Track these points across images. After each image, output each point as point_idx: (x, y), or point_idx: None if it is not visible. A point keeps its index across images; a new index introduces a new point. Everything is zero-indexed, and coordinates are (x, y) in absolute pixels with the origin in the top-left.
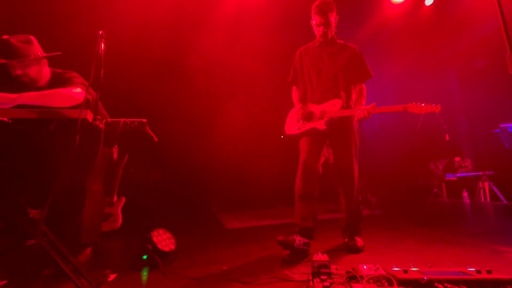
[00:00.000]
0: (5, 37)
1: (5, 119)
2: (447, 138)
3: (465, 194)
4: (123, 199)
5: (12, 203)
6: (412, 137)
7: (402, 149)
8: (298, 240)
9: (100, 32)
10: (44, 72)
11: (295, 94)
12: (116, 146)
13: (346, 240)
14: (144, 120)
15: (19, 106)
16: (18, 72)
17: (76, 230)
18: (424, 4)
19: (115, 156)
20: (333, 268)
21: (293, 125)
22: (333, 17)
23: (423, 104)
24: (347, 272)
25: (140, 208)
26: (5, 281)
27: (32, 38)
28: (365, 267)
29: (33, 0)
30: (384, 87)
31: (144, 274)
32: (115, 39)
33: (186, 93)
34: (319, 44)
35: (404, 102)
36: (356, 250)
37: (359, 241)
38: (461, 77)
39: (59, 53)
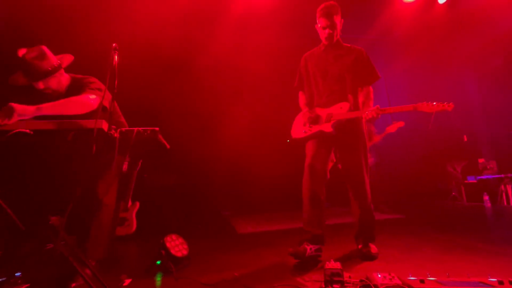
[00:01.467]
0: (20, 53)
1: (27, 130)
2: (465, 139)
3: (486, 197)
4: (137, 204)
5: (33, 209)
6: (428, 138)
7: (418, 151)
8: (309, 248)
9: (114, 44)
10: (63, 80)
11: (301, 99)
12: (127, 158)
13: (359, 246)
14: (157, 128)
15: (39, 117)
16: (41, 87)
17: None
18: (437, 2)
19: (125, 167)
20: (346, 276)
21: (299, 128)
22: (338, 20)
23: (434, 103)
24: (361, 281)
25: (153, 213)
26: (28, 285)
27: (44, 49)
28: (379, 275)
29: (47, 8)
30: (398, 88)
31: (158, 279)
32: (127, 43)
33: (197, 97)
34: (324, 48)
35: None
36: (370, 257)
37: (373, 248)
38: (479, 76)
39: (72, 58)
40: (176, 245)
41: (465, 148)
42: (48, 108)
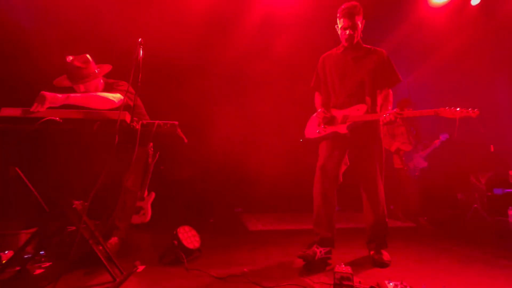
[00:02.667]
0: (68, 59)
1: (57, 118)
2: (492, 149)
3: (510, 212)
4: (153, 195)
5: (58, 193)
6: (451, 147)
7: (440, 159)
8: (319, 251)
9: (140, 39)
10: (99, 84)
11: (317, 99)
12: (151, 148)
13: (371, 253)
14: (176, 122)
15: (66, 107)
16: (82, 90)
17: (106, 223)
18: (469, 4)
19: (151, 159)
20: (356, 281)
21: (313, 128)
22: (360, 21)
23: (458, 109)
24: (371, 287)
25: (168, 204)
26: (50, 263)
27: (88, 57)
28: (391, 284)
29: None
30: (423, 93)
31: None
32: (152, 39)
33: (216, 95)
34: (343, 50)
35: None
36: (382, 264)
37: (386, 255)
38: (510, 82)
39: (110, 67)
40: (189, 237)
41: (491, 158)
42: (75, 98)
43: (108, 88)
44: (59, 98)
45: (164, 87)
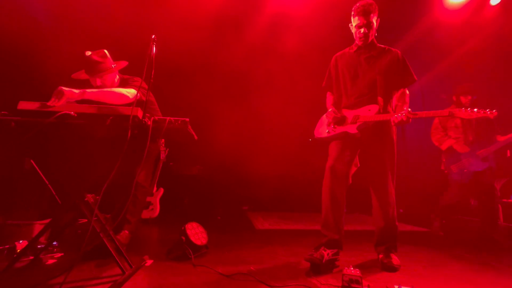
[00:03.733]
0: (87, 53)
1: (72, 112)
2: (508, 154)
3: None
4: (162, 190)
5: (71, 186)
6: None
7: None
8: (327, 254)
9: (153, 36)
10: (115, 79)
11: (329, 99)
12: (163, 144)
13: (380, 256)
14: (187, 119)
15: (82, 102)
16: (98, 83)
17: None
18: (488, 3)
19: (163, 156)
20: (364, 284)
21: (323, 128)
22: (374, 19)
23: (475, 109)
24: None
25: (176, 200)
26: (62, 254)
27: (106, 51)
28: None
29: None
30: (436, 95)
31: None
32: (164, 36)
33: (223, 92)
34: (356, 49)
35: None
36: (391, 268)
37: (395, 259)
38: None
39: (126, 63)
40: (196, 233)
41: (507, 164)
42: (91, 94)
43: (123, 84)
44: (76, 93)
45: (173, 84)
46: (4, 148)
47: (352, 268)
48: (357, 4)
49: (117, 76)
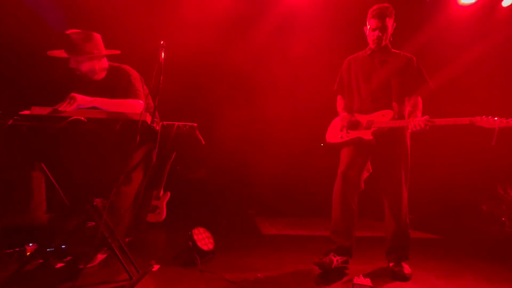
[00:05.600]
0: (68, 31)
1: (82, 118)
2: None
3: None
4: (168, 194)
5: (80, 190)
6: (478, 155)
7: (464, 168)
8: (336, 260)
9: (162, 42)
10: (98, 68)
11: (340, 103)
12: (156, 149)
13: (391, 264)
14: (195, 124)
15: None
16: (72, 65)
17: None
18: (500, 5)
19: (154, 159)
20: None
21: (335, 133)
22: (390, 23)
23: (496, 118)
24: None
25: (182, 203)
26: (70, 257)
27: (94, 35)
28: None
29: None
30: (451, 99)
31: None
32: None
33: (229, 96)
34: (370, 52)
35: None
36: (403, 277)
37: (406, 268)
38: None
39: (118, 52)
40: (203, 238)
41: None
42: (101, 103)
43: (116, 75)
44: (87, 100)
45: (179, 88)
46: (16, 152)
47: (362, 277)
48: (374, 7)
49: (106, 65)
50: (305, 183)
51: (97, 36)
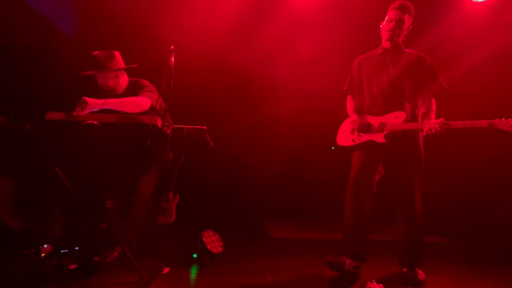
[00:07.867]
0: (94, 53)
1: (95, 122)
2: None
3: None
4: (178, 196)
5: (93, 193)
6: (494, 158)
7: (479, 171)
8: (349, 263)
9: (172, 47)
10: (122, 82)
11: (349, 104)
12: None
13: (404, 270)
14: (205, 127)
15: (103, 111)
16: (100, 82)
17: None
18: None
19: (170, 163)
20: None
21: (346, 136)
22: (408, 21)
23: None
24: None
25: (192, 206)
26: (83, 259)
27: (116, 53)
28: None
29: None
30: (463, 100)
31: (193, 272)
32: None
33: (238, 98)
34: (382, 51)
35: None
36: (417, 283)
37: (421, 274)
38: None
39: (136, 65)
40: (212, 241)
41: None
42: (112, 103)
43: (133, 87)
44: (98, 103)
45: (188, 90)
46: (32, 156)
47: (375, 283)
48: (397, 1)
49: (126, 79)
50: (315, 186)
51: (118, 54)
